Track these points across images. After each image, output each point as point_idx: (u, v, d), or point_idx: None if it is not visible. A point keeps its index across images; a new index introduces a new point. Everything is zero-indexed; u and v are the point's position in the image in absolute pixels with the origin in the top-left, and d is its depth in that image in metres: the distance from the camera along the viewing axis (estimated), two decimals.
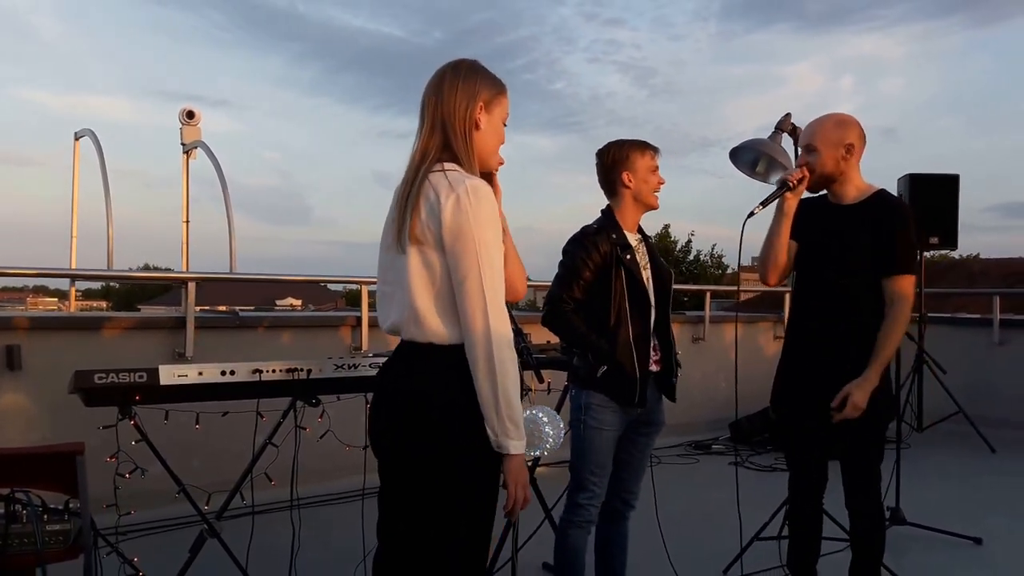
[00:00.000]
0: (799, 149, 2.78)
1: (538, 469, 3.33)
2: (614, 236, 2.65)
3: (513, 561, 2.80)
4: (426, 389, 1.71)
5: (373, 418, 1.83)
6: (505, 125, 1.87)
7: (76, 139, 6.82)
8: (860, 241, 2.60)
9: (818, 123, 2.72)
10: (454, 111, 1.76)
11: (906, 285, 2.59)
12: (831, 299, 2.65)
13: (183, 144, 6.65)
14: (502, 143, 1.87)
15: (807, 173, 2.66)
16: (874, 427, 2.62)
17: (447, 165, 1.74)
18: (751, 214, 2.66)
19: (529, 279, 2.28)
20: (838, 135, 2.66)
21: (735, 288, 3.29)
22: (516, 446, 1.70)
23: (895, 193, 6.80)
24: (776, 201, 2.70)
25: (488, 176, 1.85)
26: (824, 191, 2.79)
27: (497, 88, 1.83)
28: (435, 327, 1.70)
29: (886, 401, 2.65)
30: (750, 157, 3.26)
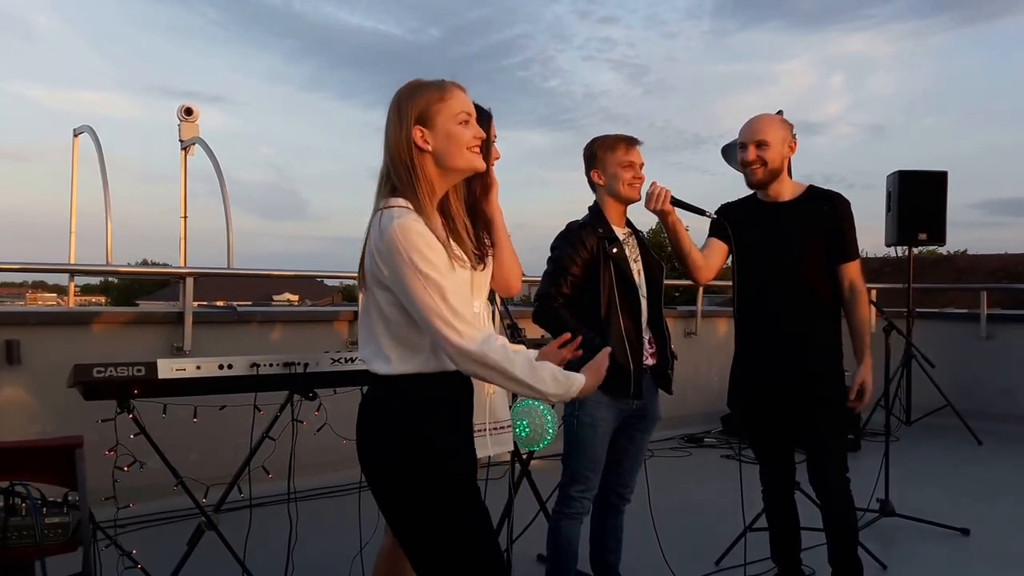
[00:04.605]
0: (743, 145, 2.79)
1: (532, 462, 3.37)
2: (600, 230, 2.66)
3: (508, 553, 2.84)
4: (364, 424, 1.77)
5: None
6: (468, 121, 1.74)
7: (75, 135, 6.81)
8: (810, 235, 2.70)
9: (765, 120, 2.78)
10: (391, 144, 1.72)
11: (859, 269, 2.77)
12: (780, 293, 2.72)
13: (181, 141, 6.66)
14: (471, 139, 1.74)
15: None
16: (832, 416, 2.71)
17: (392, 201, 1.70)
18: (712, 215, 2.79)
19: (523, 275, 2.31)
20: (784, 132, 2.76)
21: (727, 283, 3.32)
22: (574, 389, 1.74)
23: (885, 191, 6.87)
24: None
25: (474, 170, 1.80)
26: (751, 192, 2.85)
27: (432, 95, 1.72)
28: (371, 361, 1.74)
29: (838, 389, 2.73)
30: None
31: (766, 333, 2.75)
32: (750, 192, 2.87)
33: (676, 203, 2.65)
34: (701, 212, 2.70)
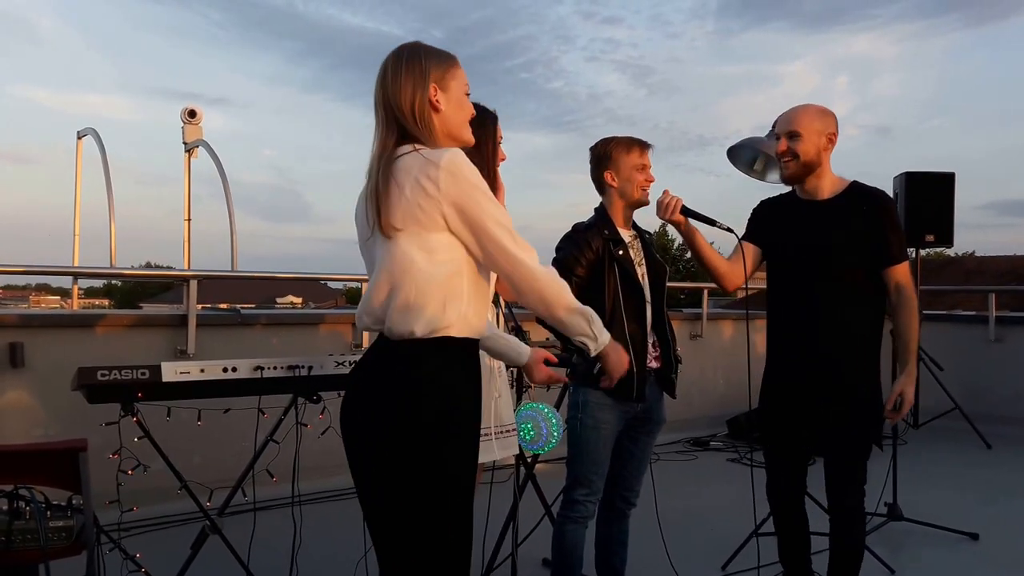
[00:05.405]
0: (777, 136, 2.69)
1: (537, 465, 3.35)
2: (606, 232, 2.65)
3: (513, 556, 2.83)
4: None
5: None
6: (468, 94, 1.79)
7: (79, 138, 6.82)
8: (850, 236, 2.57)
9: (800, 110, 2.65)
10: (403, 102, 1.68)
11: (906, 272, 2.62)
12: (815, 295, 2.60)
13: (185, 143, 6.67)
14: (471, 112, 1.79)
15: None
16: (861, 425, 2.61)
17: (416, 145, 1.67)
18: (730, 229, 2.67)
19: None
20: (822, 123, 2.62)
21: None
22: (605, 338, 1.91)
23: (891, 192, 6.83)
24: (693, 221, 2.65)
25: (473, 154, 1.81)
26: (789, 189, 2.74)
27: (446, 62, 1.74)
28: (423, 320, 1.64)
29: (874, 400, 2.64)
30: (748, 155, 3.29)
31: (800, 337, 2.63)
32: (788, 189, 2.75)
33: (687, 213, 2.58)
34: (712, 223, 2.60)
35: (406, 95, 1.69)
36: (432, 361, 1.64)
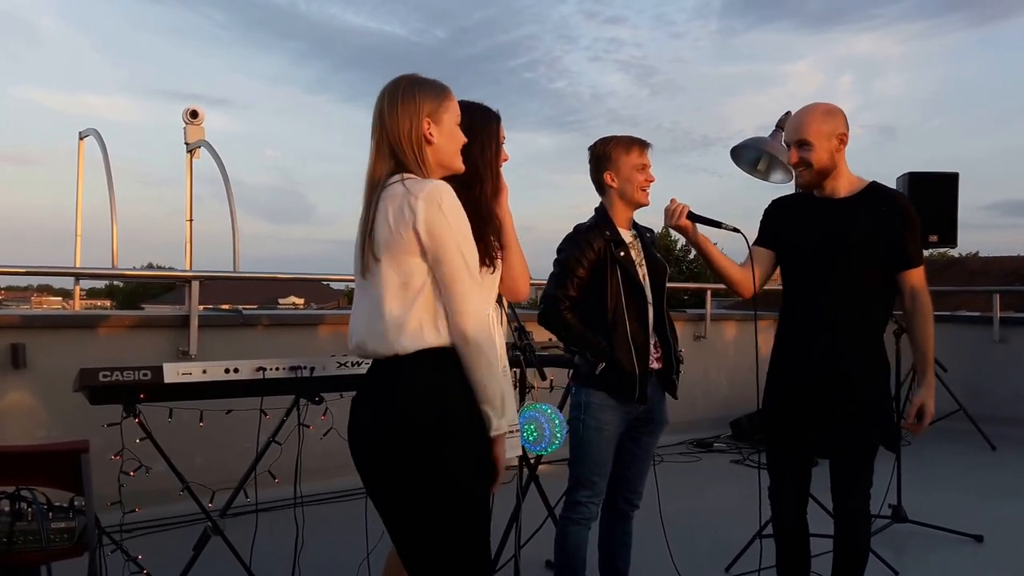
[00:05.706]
0: (787, 144, 2.65)
1: (540, 467, 3.34)
2: (608, 233, 2.64)
3: (516, 558, 2.82)
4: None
5: None
6: (459, 123, 1.87)
7: (81, 139, 6.83)
8: (867, 235, 2.51)
9: (806, 115, 2.57)
10: (400, 134, 1.77)
11: (922, 277, 2.56)
12: (834, 295, 2.54)
13: (187, 144, 6.67)
14: (461, 144, 1.87)
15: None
16: (871, 425, 2.57)
17: (404, 176, 1.75)
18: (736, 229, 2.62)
19: (531, 278, 2.29)
20: (830, 125, 2.54)
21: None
22: (503, 423, 1.79)
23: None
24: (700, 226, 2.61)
25: (456, 177, 1.87)
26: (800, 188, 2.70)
27: (439, 96, 1.82)
28: (420, 334, 1.71)
29: (883, 399, 2.60)
30: (751, 155, 3.27)
31: (817, 335, 2.57)
32: (793, 187, 2.73)
33: (693, 217, 2.55)
34: (718, 225, 2.57)
35: (403, 129, 1.77)
36: (422, 368, 1.71)
